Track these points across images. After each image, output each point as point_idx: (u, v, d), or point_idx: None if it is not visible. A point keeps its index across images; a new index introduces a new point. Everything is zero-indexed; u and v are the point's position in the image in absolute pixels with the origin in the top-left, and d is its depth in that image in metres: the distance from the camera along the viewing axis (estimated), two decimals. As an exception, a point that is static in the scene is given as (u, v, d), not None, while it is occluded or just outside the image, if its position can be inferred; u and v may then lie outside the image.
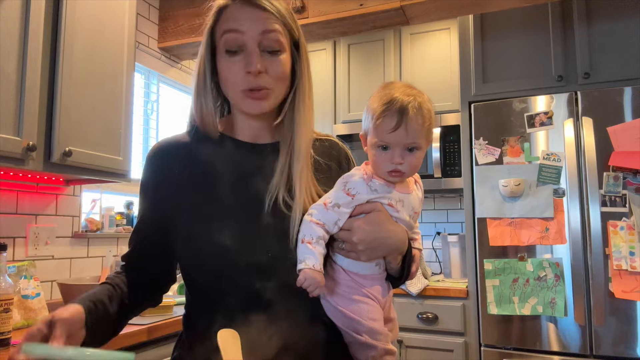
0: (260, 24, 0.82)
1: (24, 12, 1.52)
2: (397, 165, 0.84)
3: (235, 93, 0.86)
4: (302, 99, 0.88)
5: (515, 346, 2.19)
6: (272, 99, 0.86)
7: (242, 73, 0.83)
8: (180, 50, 2.73)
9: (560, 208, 2.16)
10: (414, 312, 2.46)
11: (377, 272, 0.88)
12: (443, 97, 2.79)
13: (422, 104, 0.84)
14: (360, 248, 0.83)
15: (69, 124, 1.66)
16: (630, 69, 2.22)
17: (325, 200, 0.85)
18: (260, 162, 0.89)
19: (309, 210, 0.84)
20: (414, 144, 0.84)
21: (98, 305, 0.79)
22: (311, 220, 0.82)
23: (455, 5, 2.20)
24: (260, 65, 0.82)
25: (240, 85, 0.84)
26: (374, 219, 0.85)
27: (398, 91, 0.85)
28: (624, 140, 2.08)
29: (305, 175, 0.86)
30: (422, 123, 0.83)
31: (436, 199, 3.12)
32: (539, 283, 2.16)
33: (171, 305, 1.70)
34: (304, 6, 2.35)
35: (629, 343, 2.00)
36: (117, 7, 1.91)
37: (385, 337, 0.86)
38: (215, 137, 0.91)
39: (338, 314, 0.85)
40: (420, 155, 0.86)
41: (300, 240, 0.82)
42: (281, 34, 0.84)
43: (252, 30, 0.82)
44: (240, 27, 0.83)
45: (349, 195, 0.84)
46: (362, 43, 3.05)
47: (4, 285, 1.32)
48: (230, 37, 0.83)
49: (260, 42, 0.83)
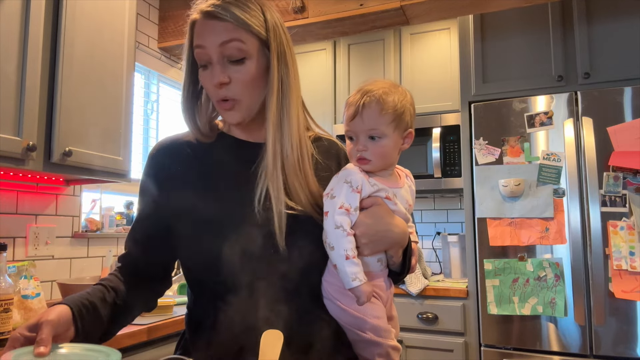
0: (218, 35, 0.84)
1: (24, 12, 1.52)
2: (360, 152, 0.86)
3: (215, 104, 0.90)
4: (269, 100, 0.88)
5: (515, 346, 2.19)
6: (242, 107, 0.88)
7: (212, 86, 0.86)
8: (180, 50, 2.70)
9: (560, 208, 2.16)
10: (414, 312, 2.46)
11: (379, 269, 0.89)
12: (443, 97, 2.80)
13: (385, 94, 0.86)
14: (363, 241, 0.84)
15: (69, 124, 1.66)
16: (630, 69, 2.22)
17: (342, 206, 0.83)
18: (257, 160, 0.90)
19: (335, 221, 0.83)
20: (374, 131, 0.86)
21: (88, 306, 0.78)
22: (347, 233, 0.82)
23: (455, 5, 2.20)
24: (222, 77, 0.84)
25: (213, 96, 0.88)
26: (375, 213, 0.86)
27: (371, 84, 0.88)
28: (624, 140, 2.08)
29: (282, 178, 0.86)
30: (379, 110, 0.85)
31: (436, 199, 3.12)
32: (539, 283, 2.16)
33: (171, 305, 1.70)
34: (304, 6, 2.35)
35: (629, 343, 2.00)
36: (117, 7, 1.91)
37: (390, 334, 0.86)
38: (211, 140, 0.93)
39: (342, 313, 0.85)
40: (386, 144, 0.87)
41: (345, 257, 0.81)
42: (243, 42, 0.84)
43: (212, 44, 0.84)
44: (203, 42, 0.85)
45: (357, 193, 0.85)
46: (362, 43, 3.05)
47: (4, 285, 1.32)
48: (197, 52, 0.87)
49: (222, 52, 0.84)
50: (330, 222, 0.83)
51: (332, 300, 0.86)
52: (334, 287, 0.85)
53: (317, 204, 0.88)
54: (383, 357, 0.85)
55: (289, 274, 0.82)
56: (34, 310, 1.55)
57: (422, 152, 2.70)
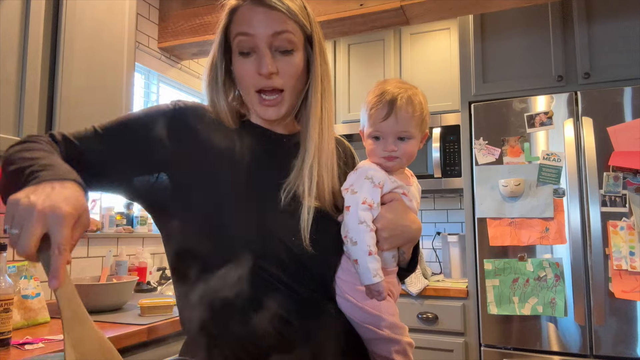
0: (270, 25, 0.82)
1: (24, 12, 1.52)
2: (390, 152, 0.88)
3: (250, 95, 0.86)
4: (313, 95, 0.88)
5: (515, 346, 2.19)
6: (286, 102, 0.86)
7: (254, 74, 0.83)
8: (180, 50, 2.73)
9: (560, 208, 2.16)
10: (414, 312, 2.46)
11: (393, 266, 0.90)
12: (443, 97, 2.80)
13: (412, 95, 0.88)
14: (384, 235, 0.84)
15: (69, 124, 1.66)
16: (630, 69, 2.22)
17: (365, 202, 0.84)
18: (281, 153, 0.89)
19: (359, 216, 0.82)
20: (405, 133, 0.88)
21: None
22: (371, 229, 0.83)
23: (455, 5, 2.20)
24: (271, 67, 0.82)
25: (253, 85, 0.85)
26: (395, 208, 0.87)
27: (391, 85, 0.90)
28: (624, 140, 2.08)
29: (317, 173, 0.85)
30: (412, 112, 0.87)
31: (436, 199, 3.12)
32: (539, 283, 2.16)
33: (171, 305, 1.70)
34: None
35: (629, 343, 2.00)
36: (117, 7, 1.91)
37: (404, 331, 0.88)
38: (233, 127, 0.89)
39: (357, 310, 0.85)
40: (414, 144, 0.89)
41: (368, 253, 0.81)
42: (293, 33, 0.83)
43: (263, 33, 0.82)
44: (251, 30, 0.82)
45: (379, 189, 0.86)
46: (362, 43, 3.05)
47: (4, 285, 1.32)
48: (242, 39, 0.83)
49: (272, 43, 0.83)
50: (354, 217, 0.83)
51: (347, 299, 0.85)
52: (349, 284, 0.85)
53: (335, 199, 0.88)
54: (400, 353, 0.85)
55: (308, 268, 0.81)
56: (34, 310, 1.55)
57: (422, 152, 2.70)
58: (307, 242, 0.81)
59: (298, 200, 0.83)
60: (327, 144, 0.88)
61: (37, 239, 0.57)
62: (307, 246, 0.80)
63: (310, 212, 0.82)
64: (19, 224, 0.57)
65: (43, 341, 1.32)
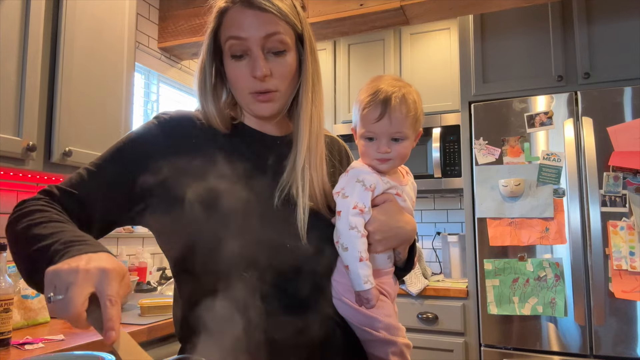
0: (262, 27, 0.81)
1: (24, 12, 1.52)
2: (384, 154, 0.85)
3: (243, 96, 0.86)
4: (304, 94, 0.87)
5: (515, 346, 2.19)
6: (280, 100, 0.86)
7: (248, 77, 0.83)
8: (180, 50, 2.73)
9: (560, 208, 2.16)
10: (414, 312, 2.46)
11: (389, 267, 0.89)
12: (443, 97, 2.80)
13: (406, 94, 0.85)
14: (377, 238, 0.83)
15: (69, 124, 1.66)
16: (630, 69, 2.22)
17: (356, 206, 0.83)
18: (273, 155, 0.88)
19: (350, 222, 0.81)
20: (399, 134, 0.85)
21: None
22: (362, 235, 0.81)
23: (455, 5, 2.20)
24: (265, 70, 0.81)
25: (248, 88, 0.84)
26: (388, 209, 0.86)
27: (384, 83, 0.86)
28: (624, 140, 2.08)
29: (309, 172, 0.85)
30: (406, 112, 0.85)
31: (436, 199, 3.12)
32: (539, 283, 2.16)
33: (171, 306, 1.70)
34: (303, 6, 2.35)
35: (629, 343, 2.00)
36: (117, 7, 1.91)
37: (401, 332, 0.87)
38: (224, 131, 0.88)
39: (353, 312, 0.84)
40: (408, 145, 0.87)
41: (359, 259, 0.80)
42: (284, 34, 0.83)
43: (255, 35, 0.81)
44: (243, 33, 0.81)
45: (370, 191, 0.84)
46: (362, 43, 3.05)
47: (4, 285, 1.32)
48: (233, 43, 0.82)
49: (264, 45, 0.82)
50: (344, 222, 0.82)
51: (343, 300, 0.84)
52: (345, 286, 0.84)
53: (327, 199, 0.87)
54: (397, 355, 0.84)
55: (306, 269, 0.80)
56: (34, 310, 1.55)
57: (422, 152, 2.70)
58: (304, 241, 0.80)
59: (292, 201, 0.83)
60: (316, 143, 0.87)
61: (85, 298, 0.55)
62: (304, 245, 0.80)
63: (305, 212, 0.82)
64: (63, 287, 0.55)
65: (43, 341, 1.32)
